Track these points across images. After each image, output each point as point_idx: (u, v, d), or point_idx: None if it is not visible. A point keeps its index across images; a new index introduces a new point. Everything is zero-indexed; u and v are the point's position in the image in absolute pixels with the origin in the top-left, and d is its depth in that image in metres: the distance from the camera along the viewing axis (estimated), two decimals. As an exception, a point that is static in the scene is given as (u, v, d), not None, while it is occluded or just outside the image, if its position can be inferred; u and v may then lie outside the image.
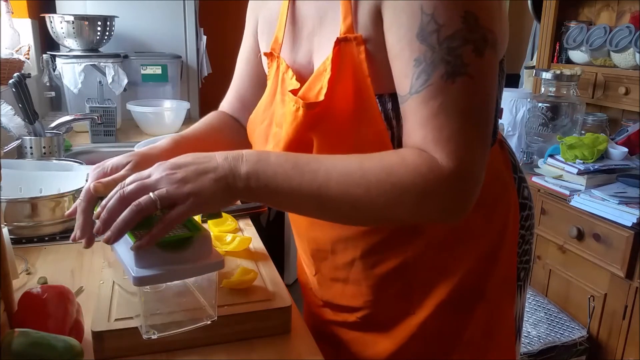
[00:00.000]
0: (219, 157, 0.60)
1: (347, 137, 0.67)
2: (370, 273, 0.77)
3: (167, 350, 0.67)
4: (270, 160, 0.60)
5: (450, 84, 0.58)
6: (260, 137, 0.79)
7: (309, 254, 0.84)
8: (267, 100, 0.79)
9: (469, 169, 0.59)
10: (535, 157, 2.13)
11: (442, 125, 0.58)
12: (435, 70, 0.58)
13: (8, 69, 1.67)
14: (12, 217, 0.99)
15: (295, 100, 0.68)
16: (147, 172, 0.60)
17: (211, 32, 2.56)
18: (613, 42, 2.08)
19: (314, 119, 0.67)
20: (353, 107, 0.66)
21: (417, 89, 0.59)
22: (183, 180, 0.58)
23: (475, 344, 0.78)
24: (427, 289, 0.75)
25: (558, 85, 2.13)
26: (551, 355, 1.67)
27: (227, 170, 0.59)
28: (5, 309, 0.66)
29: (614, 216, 1.64)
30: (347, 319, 0.83)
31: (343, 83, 0.65)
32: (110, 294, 0.73)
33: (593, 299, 1.73)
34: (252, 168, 0.59)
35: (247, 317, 0.71)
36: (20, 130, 1.45)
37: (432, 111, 0.59)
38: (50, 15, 1.99)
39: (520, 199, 0.80)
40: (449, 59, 0.58)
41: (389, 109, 0.66)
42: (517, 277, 0.81)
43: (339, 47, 0.65)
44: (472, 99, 0.59)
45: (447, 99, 0.58)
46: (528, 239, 0.83)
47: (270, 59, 0.79)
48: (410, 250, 0.74)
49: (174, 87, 2.31)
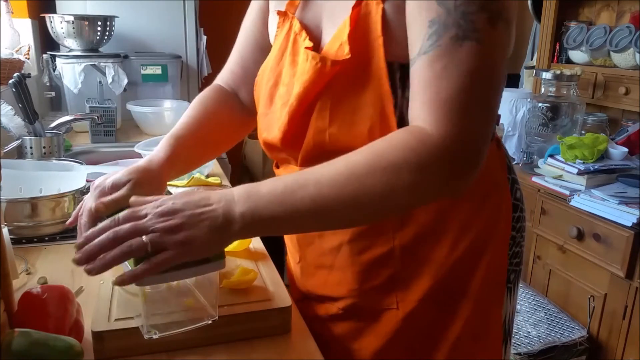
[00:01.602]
0: (214, 201, 0.59)
1: (352, 96, 0.67)
2: (357, 259, 0.76)
3: (167, 350, 0.67)
4: (261, 191, 0.60)
5: (458, 47, 0.58)
6: (264, 97, 0.79)
7: (295, 239, 0.83)
8: (274, 61, 0.78)
9: (465, 135, 0.58)
10: (535, 157, 2.13)
11: (440, 88, 0.58)
12: (446, 32, 0.58)
13: (8, 69, 1.67)
14: (12, 217, 0.99)
15: (321, 58, 0.67)
16: (143, 212, 0.59)
17: (211, 32, 2.56)
18: (613, 42, 2.08)
19: (333, 76, 0.67)
20: (363, 66, 0.66)
21: (426, 49, 0.59)
22: (177, 227, 0.57)
23: (462, 345, 0.77)
24: (411, 281, 0.75)
25: (558, 85, 2.12)
26: (551, 355, 1.67)
27: (222, 216, 0.58)
28: (5, 309, 0.66)
29: (614, 216, 1.64)
30: (330, 310, 0.81)
31: (358, 42, 0.65)
32: (110, 294, 0.73)
33: (593, 299, 1.73)
34: (245, 206, 0.59)
35: (247, 317, 0.71)
36: (20, 130, 1.45)
37: (435, 73, 0.58)
38: (50, 15, 1.99)
39: (512, 200, 0.80)
40: (461, 22, 0.58)
41: (397, 77, 0.66)
42: (507, 279, 0.80)
43: (360, 5, 0.66)
44: (477, 65, 0.58)
45: (452, 61, 0.58)
46: (519, 241, 0.82)
47: (283, 19, 0.78)
48: (398, 238, 0.73)
49: (174, 87, 2.31)
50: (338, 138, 0.68)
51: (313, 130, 0.70)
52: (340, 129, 0.68)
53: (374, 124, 0.66)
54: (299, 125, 0.72)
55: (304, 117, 0.71)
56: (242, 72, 0.92)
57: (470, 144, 0.58)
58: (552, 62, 2.41)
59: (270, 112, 0.77)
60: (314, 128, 0.70)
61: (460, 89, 0.57)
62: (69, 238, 1.03)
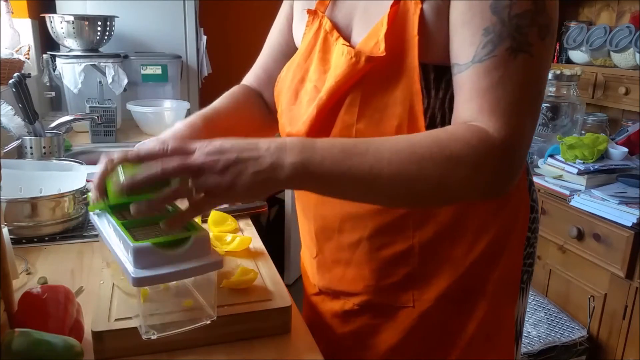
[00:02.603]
0: (263, 147, 0.58)
1: (382, 93, 0.68)
2: (375, 255, 0.76)
3: (167, 350, 0.67)
4: (316, 146, 0.59)
5: (513, 59, 0.60)
6: (288, 93, 0.79)
7: (313, 233, 0.82)
8: (302, 58, 0.79)
9: (519, 141, 0.61)
10: (535, 157, 2.13)
11: (499, 96, 0.60)
12: (502, 43, 0.60)
13: (8, 69, 1.67)
14: (12, 217, 0.99)
15: (355, 53, 0.68)
16: (192, 147, 0.58)
17: (211, 32, 2.56)
18: (613, 42, 2.08)
19: (366, 72, 0.68)
20: (396, 64, 0.67)
21: (481, 57, 0.61)
22: (223, 169, 0.57)
23: (476, 344, 0.77)
24: (429, 280, 0.75)
25: (558, 85, 2.12)
26: (551, 355, 1.67)
27: (269, 163, 0.57)
28: (5, 309, 0.66)
29: (614, 216, 1.64)
30: (345, 306, 0.82)
31: (393, 40, 0.67)
32: (110, 294, 0.73)
33: (593, 299, 1.73)
34: (298, 157, 0.58)
35: (247, 317, 0.71)
36: (20, 130, 1.45)
37: (492, 82, 0.61)
38: (50, 15, 1.99)
39: (530, 201, 0.80)
40: (515, 35, 0.60)
41: (431, 78, 0.67)
42: (521, 279, 0.81)
43: (399, 4, 0.67)
44: (530, 77, 0.61)
45: (508, 72, 0.60)
46: (532, 242, 0.82)
47: (312, 18, 0.79)
48: (418, 235, 0.73)
49: (174, 87, 2.31)
50: (364, 134, 0.69)
51: (340, 125, 0.71)
52: (367, 125, 0.69)
53: (401, 122, 0.67)
54: (326, 119, 0.72)
55: (331, 112, 0.72)
56: (266, 76, 0.94)
57: (521, 148, 0.62)
58: (552, 62, 2.41)
59: (294, 107, 0.78)
60: (341, 123, 0.71)
61: (517, 98, 0.61)
62: (69, 238, 1.03)
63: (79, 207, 1.07)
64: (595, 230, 1.69)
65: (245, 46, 3.18)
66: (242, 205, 1.15)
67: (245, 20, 3.25)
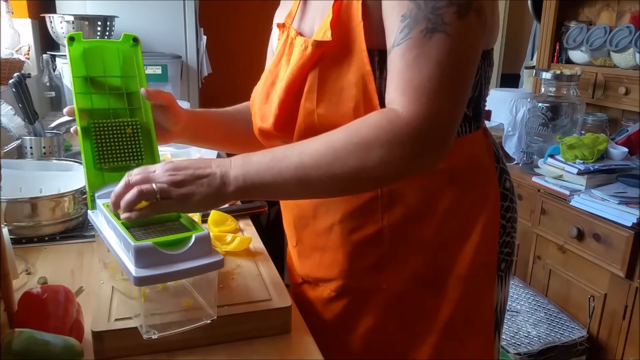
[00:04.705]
0: (213, 165, 0.67)
1: (336, 77, 0.72)
2: (348, 240, 0.80)
3: (167, 350, 0.67)
4: (253, 159, 0.67)
5: (428, 40, 0.63)
6: (261, 95, 0.84)
7: (292, 223, 0.88)
8: (272, 65, 0.84)
9: (433, 117, 0.62)
10: (535, 157, 2.13)
11: (412, 76, 0.63)
12: (417, 25, 0.63)
13: (8, 69, 1.67)
14: (12, 217, 0.99)
15: (304, 40, 0.74)
16: (153, 168, 0.68)
17: (211, 32, 2.56)
18: (613, 42, 2.08)
19: (318, 58, 0.73)
20: (346, 49, 0.71)
21: (399, 41, 0.65)
22: (182, 182, 0.66)
23: (454, 326, 0.80)
24: (400, 261, 0.79)
25: (558, 85, 2.12)
26: (551, 355, 1.67)
27: (219, 177, 0.66)
28: (5, 309, 0.66)
29: (614, 216, 1.64)
30: (323, 293, 0.85)
31: (340, 27, 0.71)
32: (110, 294, 0.73)
33: (593, 299, 1.73)
34: (239, 171, 0.66)
35: (247, 317, 0.71)
36: (20, 130, 1.45)
37: (407, 63, 0.64)
38: (50, 15, 1.99)
39: (500, 189, 0.82)
40: (430, 16, 0.63)
41: (376, 61, 0.71)
42: (498, 267, 0.83)
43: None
44: (446, 56, 0.63)
45: (423, 52, 0.63)
46: (509, 231, 0.85)
47: (282, 30, 0.85)
48: (387, 218, 0.77)
49: (174, 87, 2.31)
50: (326, 118, 0.72)
51: (303, 113, 0.74)
52: (327, 109, 0.72)
53: (358, 102, 0.70)
54: (290, 109, 0.76)
55: (294, 102, 0.75)
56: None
57: (437, 125, 0.63)
58: (552, 62, 2.41)
59: (265, 105, 0.82)
60: (304, 110, 0.74)
61: (430, 76, 0.63)
62: (69, 238, 1.04)
63: (79, 207, 1.07)
64: (595, 230, 1.69)
65: (245, 46, 3.19)
66: (242, 205, 1.16)
67: (245, 20, 3.26)
